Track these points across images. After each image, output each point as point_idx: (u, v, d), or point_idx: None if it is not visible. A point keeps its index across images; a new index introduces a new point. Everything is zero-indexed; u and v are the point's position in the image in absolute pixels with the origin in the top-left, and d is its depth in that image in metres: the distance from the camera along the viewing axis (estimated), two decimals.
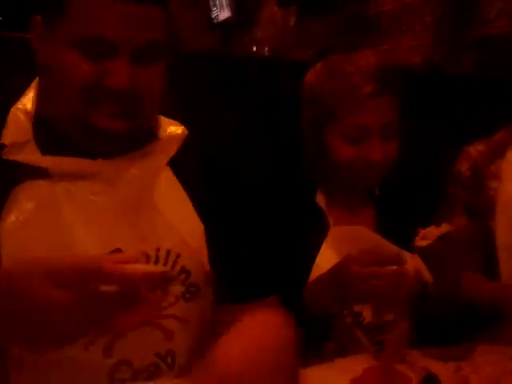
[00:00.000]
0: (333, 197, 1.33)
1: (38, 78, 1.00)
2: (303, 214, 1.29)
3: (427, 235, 1.07)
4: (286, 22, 4.25)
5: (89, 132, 0.93)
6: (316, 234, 1.26)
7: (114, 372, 0.92)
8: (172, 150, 1.03)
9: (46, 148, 0.95)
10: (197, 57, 1.80)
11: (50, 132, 0.95)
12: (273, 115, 1.77)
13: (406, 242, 1.28)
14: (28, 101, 0.98)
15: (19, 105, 0.98)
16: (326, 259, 1.23)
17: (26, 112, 0.97)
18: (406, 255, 1.25)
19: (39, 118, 0.97)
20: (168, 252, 0.97)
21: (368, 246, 1.24)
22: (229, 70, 1.76)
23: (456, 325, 1.16)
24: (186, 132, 1.06)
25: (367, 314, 1.22)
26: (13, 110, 0.97)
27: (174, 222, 0.99)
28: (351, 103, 1.20)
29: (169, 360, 0.96)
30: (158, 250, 0.96)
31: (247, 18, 4.95)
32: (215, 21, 5.48)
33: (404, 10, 2.87)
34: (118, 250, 0.93)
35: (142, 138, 1.01)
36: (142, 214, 0.98)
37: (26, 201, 0.92)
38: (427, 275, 1.21)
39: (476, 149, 1.45)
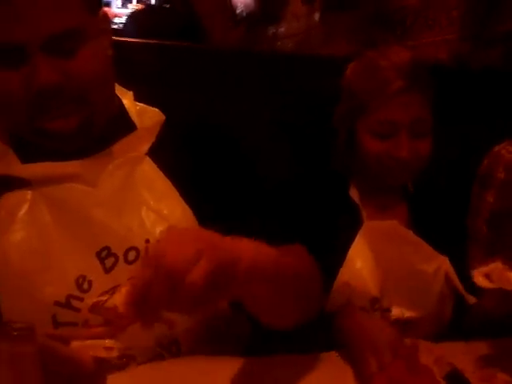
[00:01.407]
0: (366, 192, 1.33)
1: None
2: (337, 208, 1.30)
3: (493, 274, 1.02)
4: (310, 17, 4.25)
5: (43, 136, 0.92)
6: (349, 228, 1.27)
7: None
8: (150, 139, 1.01)
9: (26, 156, 0.96)
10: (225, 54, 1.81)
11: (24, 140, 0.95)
12: (305, 111, 1.77)
13: (438, 241, 1.28)
14: None
15: None
16: (358, 253, 1.24)
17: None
18: (438, 257, 1.26)
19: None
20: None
21: (400, 242, 1.26)
22: (260, 65, 1.78)
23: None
24: (164, 118, 1.03)
25: (395, 311, 1.22)
26: None
27: (161, 211, 0.98)
28: (381, 98, 1.21)
29: (173, 349, 0.96)
30: (147, 241, 0.95)
31: (271, 14, 4.96)
32: (239, 16, 5.50)
33: (429, 4, 2.84)
34: (107, 249, 0.94)
35: (120, 129, 1.00)
36: (128, 209, 0.97)
37: (10, 212, 0.93)
38: (460, 286, 1.21)
39: (508, 150, 1.43)
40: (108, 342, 0.68)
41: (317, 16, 4.15)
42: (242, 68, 1.74)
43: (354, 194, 1.32)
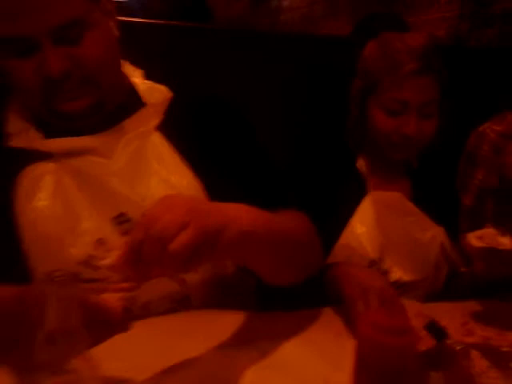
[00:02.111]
0: (372, 165, 1.42)
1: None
2: (344, 177, 1.38)
3: (485, 237, 1.12)
4: None
5: (57, 117, 0.99)
6: (355, 196, 1.36)
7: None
8: (159, 115, 1.09)
9: (47, 131, 1.04)
10: (230, 32, 1.86)
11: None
12: (317, 88, 1.85)
13: (436, 214, 1.38)
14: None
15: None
16: (360, 219, 1.33)
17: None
18: (435, 227, 1.36)
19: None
20: None
21: (402, 212, 1.35)
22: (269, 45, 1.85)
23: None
24: (171, 95, 1.11)
25: (393, 274, 1.33)
26: (11, 103, 1.06)
27: (170, 180, 1.06)
28: (394, 78, 1.28)
29: (185, 303, 1.06)
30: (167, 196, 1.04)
31: None
32: None
33: None
34: (122, 215, 1.03)
35: (130, 106, 1.07)
36: (140, 178, 1.05)
37: (35, 182, 1.02)
38: (454, 254, 1.30)
39: (493, 129, 1.51)
40: (131, 295, 0.78)
41: None
42: (249, 46, 1.80)
43: (361, 165, 1.41)
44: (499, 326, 1.10)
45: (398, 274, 1.33)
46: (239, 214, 0.84)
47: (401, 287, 1.32)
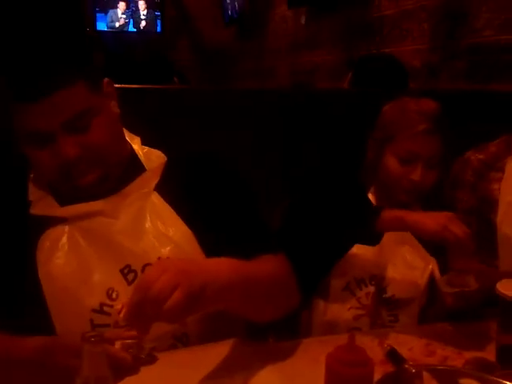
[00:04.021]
0: (379, 201, 1.63)
1: None
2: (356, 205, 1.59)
3: (453, 282, 1.34)
4: (297, 21, 4.46)
5: (72, 189, 1.18)
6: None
7: None
8: (156, 177, 1.26)
9: (61, 197, 1.21)
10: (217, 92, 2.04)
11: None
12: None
13: (431, 248, 1.57)
14: None
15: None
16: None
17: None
18: (428, 257, 1.55)
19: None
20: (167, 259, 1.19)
21: (402, 240, 1.56)
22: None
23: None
24: (166, 159, 1.29)
25: (390, 290, 1.54)
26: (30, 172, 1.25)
27: (168, 233, 1.22)
28: (408, 133, 1.52)
29: (184, 340, 1.22)
30: (158, 258, 1.19)
31: (260, 16, 5.16)
32: (229, 18, 5.70)
33: (403, 15, 3.08)
34: (128, 267, 1.20)
35: (132, 171, 1.25)
36: (142, 233, 1.22)
37: (54, 243, 1.19)
38: (440, 282, 1.48)
39: (476, 157, 1.70)
40: (140, 342, 0.96)
41: (303, 19, 4.36)
42: (258, 100, 1.99)
43: (371, 199, 1.64)
44: (457, 346, 1.28)
45: (393, 291, 1.54)
46: (220, 268, 1.01)
47: (393, 303, 1.54)
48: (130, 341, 0.96)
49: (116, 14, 6.21)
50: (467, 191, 1.69)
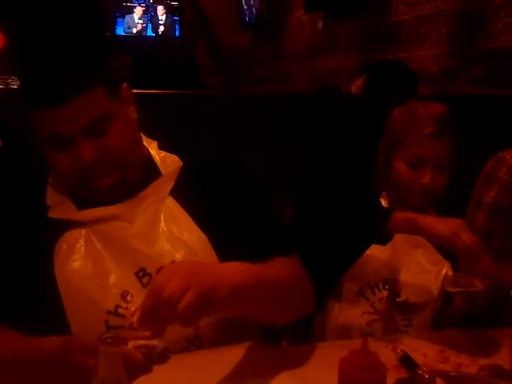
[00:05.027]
0: (390, 205, 1.63)
1: None
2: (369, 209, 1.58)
3: (459, 283, 1.33)
4: (314, 25, 4.47)
5: (89, 192, 1.19)
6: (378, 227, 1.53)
7: None
8: (171, 182, 1.27)
9: (79, 201, 1.23)
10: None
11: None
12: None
13: (445, 252, 1.56)
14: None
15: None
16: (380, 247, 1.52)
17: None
18: (442, 261, 1.55)
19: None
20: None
21: (416, 243, 1.55)
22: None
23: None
24: (181, 164, 1.30)
25: (403, 294, 1.54)
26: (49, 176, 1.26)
27: (182, 237, 1.23)
28: (416, 137, 1.51)
29: (197, 343, 1.23)
30: (172, 262, 1.20)
31: (278, 20, 5.18)
32: (246, 23, 5.72)
33: (420, 20, 3.08)
34: (143, 270, 1.21)
35: (149, 176, 1.26)
36: (157, 237, 1.23)
37: (71, 246, 1.21)
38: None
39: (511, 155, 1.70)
40: (153, 342, 0.97)
41: (320, 24, 4.37)
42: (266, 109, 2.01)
43: (384, 203, 1.64)
44: (471, 353, 1.27)
45: (406, 295, 1.53)
46: (231, 272, 1.01)
47: (407, 307, 1.53)
48: (142, 341, 0.96)
49: (132, 19, 6.28)
50: (498, 188, 1.68)
